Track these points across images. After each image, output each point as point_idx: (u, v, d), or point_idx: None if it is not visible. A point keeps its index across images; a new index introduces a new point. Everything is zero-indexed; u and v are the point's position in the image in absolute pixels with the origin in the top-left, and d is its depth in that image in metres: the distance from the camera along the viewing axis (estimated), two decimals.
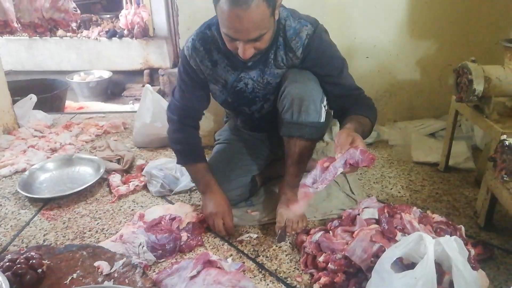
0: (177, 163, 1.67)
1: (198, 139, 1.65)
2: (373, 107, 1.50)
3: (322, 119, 1.45)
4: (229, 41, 1.30)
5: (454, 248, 0.87)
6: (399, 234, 1.23)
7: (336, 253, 1.26)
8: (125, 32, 5.22)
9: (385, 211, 1.31)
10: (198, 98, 1.59)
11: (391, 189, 1.84)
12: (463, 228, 1.34)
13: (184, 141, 1.61)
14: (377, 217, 1.33)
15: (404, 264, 1.06)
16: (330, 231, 1.39)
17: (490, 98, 1.48)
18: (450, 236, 0.99)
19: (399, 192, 1.81)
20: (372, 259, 1.17)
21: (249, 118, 1.69)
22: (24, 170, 2.06)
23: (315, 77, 1.45)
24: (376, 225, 1.29)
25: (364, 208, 1.40)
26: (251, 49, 1.28)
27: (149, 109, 2.25)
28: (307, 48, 1.41)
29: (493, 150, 1.31)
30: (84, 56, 5.37)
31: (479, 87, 1.46)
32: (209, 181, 1.59)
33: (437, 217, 1.36)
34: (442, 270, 1.00)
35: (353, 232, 1.31)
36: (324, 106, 1.45)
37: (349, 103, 1.47)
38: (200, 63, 1.49)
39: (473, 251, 1.24)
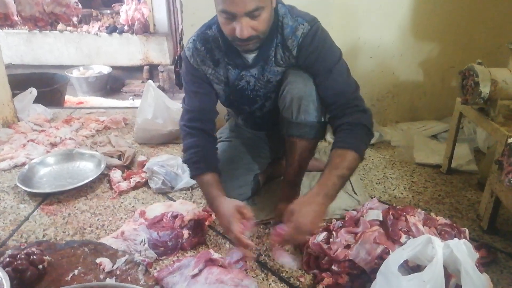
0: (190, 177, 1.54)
1: (207, 144, 1.50)
2: (364, 132, 1.35)
3: (323, 119, 1.43)
4: (226, 21, 1.26)
5: (464, 251, 0.86)
6: (403, 236, 1.22)
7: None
8: (126, 27, 5.20)
9: (390, 213, 1.31)
10: (204, 97, 1.52)
11: (393, 190, 1.84)
12: (467, 231, 1.33)
13: (191, 148, 1.47)
14: (381, 219, 1.32)
15: (410, 267, 1.05)
16: (334, 232, 1.38)
17: (496, 101, 1.48)
18: (454, 238, 0.99)
19: (402, 193, 1.81)
20: (376, 261, 1.17)
21: (250, 117, 1.68)
22: (23, 164, 2.03)
23: None
24: (378, 227, 1.28)
25: (368, 209, 1.39)
26: (248, 27, 1.23)
27: (151, 105, 2.23)
28: (300, 47, 1.38)
29: (500, 153, 1.31)
30: (84, 51, 5.35)
31: (485, 89, 1.45)
32: (212, 196, 1.41)
33: (441, 219, 1.35)
34: (447, 273, 0.99)
35: (356, 234, 1.31)
36: None
37: (339, 121, 1.37)
38: (201, 63, 1.47)
39: (477, 255, 1.24)
